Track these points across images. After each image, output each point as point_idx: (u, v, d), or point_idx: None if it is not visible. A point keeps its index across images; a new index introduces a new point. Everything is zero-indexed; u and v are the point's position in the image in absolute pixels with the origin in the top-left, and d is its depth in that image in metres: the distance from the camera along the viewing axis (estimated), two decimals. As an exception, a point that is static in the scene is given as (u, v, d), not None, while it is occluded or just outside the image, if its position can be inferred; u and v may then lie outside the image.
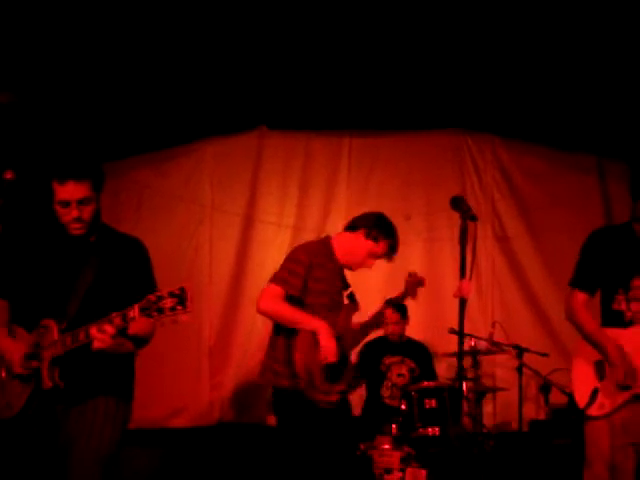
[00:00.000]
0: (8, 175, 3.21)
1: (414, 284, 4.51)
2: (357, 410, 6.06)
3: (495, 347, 5.65)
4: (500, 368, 6.27)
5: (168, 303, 2.86)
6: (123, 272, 3.37)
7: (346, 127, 6.76)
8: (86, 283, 3.29)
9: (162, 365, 6.18)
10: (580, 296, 3.68)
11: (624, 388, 3.47)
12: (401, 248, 6.63)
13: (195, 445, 6.16)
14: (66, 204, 3.23)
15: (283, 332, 3.98)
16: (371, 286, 6.58)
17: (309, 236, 6.68)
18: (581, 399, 3.58)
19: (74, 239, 3.34)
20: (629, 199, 6.87)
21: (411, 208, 6.79)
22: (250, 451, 6.02)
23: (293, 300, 3.94)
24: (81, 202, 3.24)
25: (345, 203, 6.79)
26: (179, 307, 2.86)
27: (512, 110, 6.39)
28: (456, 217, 3.60)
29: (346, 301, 4.23)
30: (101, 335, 3.01)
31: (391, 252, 4.23)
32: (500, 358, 6.04)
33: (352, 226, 4.19)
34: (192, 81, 5.85)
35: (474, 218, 3.42)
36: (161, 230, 6.51)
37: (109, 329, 3.00)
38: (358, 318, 4.34)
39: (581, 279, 3.71)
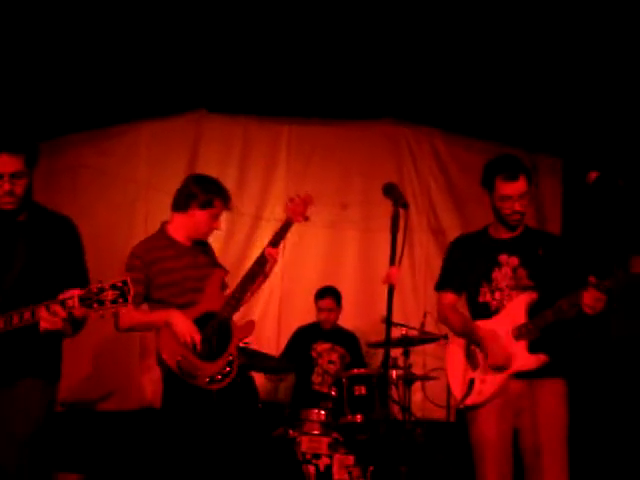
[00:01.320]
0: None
1: (299, 205, 4.26)
2: (287, 396, 6.11)
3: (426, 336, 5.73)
4: (430, 357, 6.35)
5: (109, 295, 2.89)
6: (55, 253, 3.33)
7: (286, 114, 6.76)
8: (19, 263, 3.25)
9: (92, 348, 6.10)
10: (447, 297, 3.92)
11: (499, 369, 3.63)
12: (336, 237, 6.77)
13: (124, 428, 6.11)
14: None
15: None
16: (306, 276, 6.64)
17: (246, 221, 6.70)
18: (458, 391, 3.75)
19: (3, 217, 3.28)
20: (560, 194, 7.07)
21: (348, 197, 6.85)
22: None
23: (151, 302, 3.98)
24: (14, 176, 3.19)
25: (284, 190, 6.79)
26: (120, 300, 2.89)
27: (451, 103, 6.47)
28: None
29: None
30: (51, 317, 2.99)
31: (227, 203, 4.13)
32: (430, 347, 6.11)
33: (180, 206, 4.09)
34: (133, 60, 5.76)
35: (405, 205, 3.46)
36: (97, 209, 6.40)
37: (60, 311, 2.98)
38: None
39: (445, 281, 3.95)
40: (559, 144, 6.53)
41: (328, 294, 6.04)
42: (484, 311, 3.75)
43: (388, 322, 3.35)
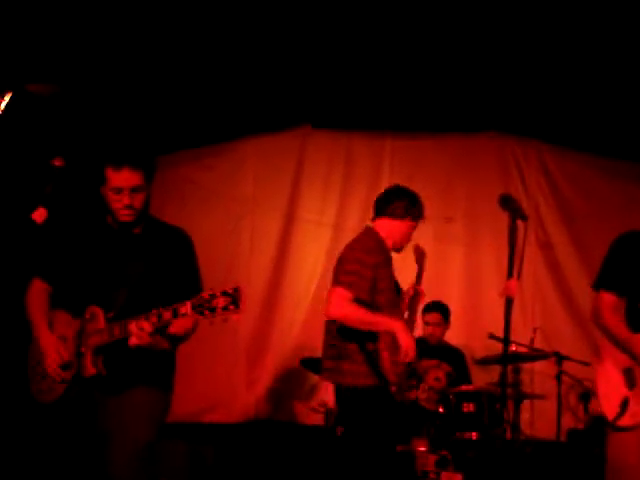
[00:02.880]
0: (57, 162, 3.25)
1: (421, 256, 4.57)
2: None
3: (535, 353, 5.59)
4: (539, 375, 6.18)
5: (221, 302, 2.89)
6: (170, 264, 3.39)
7: (388, 128, 6.74)
8: (135, 274, 3.32)
9: (199, 360, 6.18)
10: (608, 298, 3.57)
11: None
12: (441, 251, 6.68)
13: (229, 441, 6.17)
14: (119, 191, 3.26)
15: (353, 334, 3.90)
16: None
17: (349, 236, 6.61)
18: (610, 409, 3.45)
19: (121, 229, 3.38)
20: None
21: (452, 212, 6.74)
22: (284, 449, 6.02)
23: (360, 302, 3.86)
24: (134, 190, 3.28)
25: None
26: (232, 307, 2.89)
27: (558, 116, 6.32)
28: (497, 222, 3.52)
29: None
30: (139, 332, 3.04)
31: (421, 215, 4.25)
32: (539, 365, 5.95)
33: (391, 213, 4.17)
34: (240, 78, 5.87)
35: (524, 217, 3.33)
36: (203, 225, 6.48)
37: (146, 326, 3.02)
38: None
39: (609, 279, 3.59)
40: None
41: (435, 309, 5.96)
42: None
43: (506, 338, 3.26)
